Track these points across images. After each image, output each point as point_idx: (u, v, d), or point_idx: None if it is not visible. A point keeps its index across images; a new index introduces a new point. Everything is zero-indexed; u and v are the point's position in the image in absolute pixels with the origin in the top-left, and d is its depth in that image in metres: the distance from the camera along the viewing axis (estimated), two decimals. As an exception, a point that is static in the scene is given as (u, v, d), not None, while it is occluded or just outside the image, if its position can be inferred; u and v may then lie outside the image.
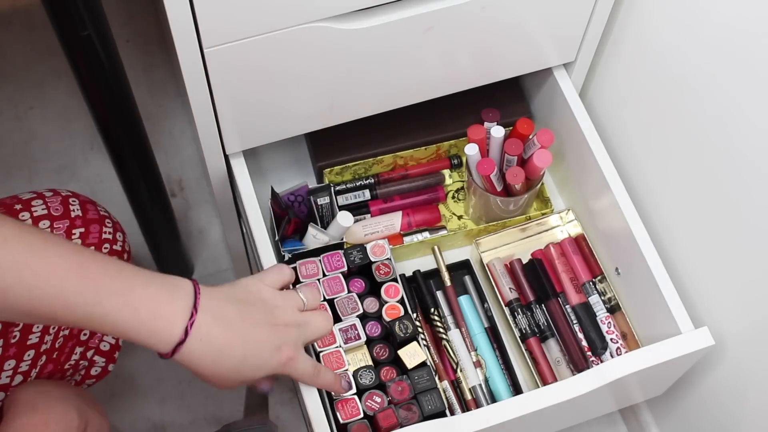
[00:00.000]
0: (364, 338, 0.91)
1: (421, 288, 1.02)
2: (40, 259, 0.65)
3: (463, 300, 1.03)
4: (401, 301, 0.94)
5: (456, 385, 0.98)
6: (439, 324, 1.00)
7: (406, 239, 1.04)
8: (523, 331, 1.01)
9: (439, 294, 1.03)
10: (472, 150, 0.98)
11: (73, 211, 0.85)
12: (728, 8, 0.79)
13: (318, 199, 0.99)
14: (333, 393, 0.86)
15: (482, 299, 1.03)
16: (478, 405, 0.98)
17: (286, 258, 0.94)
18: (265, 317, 0.75)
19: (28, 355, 0.81)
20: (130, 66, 0.97)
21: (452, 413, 0.96)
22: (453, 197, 1.09)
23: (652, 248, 0.93)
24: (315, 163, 1.05)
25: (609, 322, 1.01)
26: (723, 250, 0.90)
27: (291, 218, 0.96)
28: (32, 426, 0.76)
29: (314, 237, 0.95)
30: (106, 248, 0.88)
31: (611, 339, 1.00)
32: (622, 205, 0.95)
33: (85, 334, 0.86)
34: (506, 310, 1.01)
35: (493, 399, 0.99)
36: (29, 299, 0.65)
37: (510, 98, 1.08)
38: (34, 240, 0.65)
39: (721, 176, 0.87)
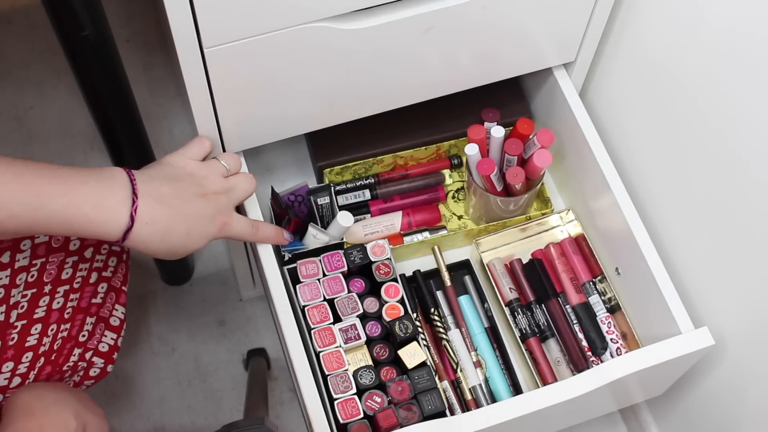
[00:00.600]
0: (364, 338, 0.91)
1: (421, 288, 1.02)
2: None
3: (463, 300, 1.03)
4: (401, 301, 0.94)
5: (456, 385, 0.98)
6: (439, 324, 1.00)
7: (406, 239, 1.04)
8: (523, 331, 1.01)
9: (439, 294, 1.03)
10: (472, 150, 0.98)
11: None
12: (727, 9, 0.79)
13: (318, 199, 0.99)
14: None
15: (482, 299, 1.03)
16: (478, 405, 0.98)
17: (286, 258, 0.94)
18: (197, 189, 0.81)
19: (26, 357, 0.81)
20: (130, 66, 0.97)
21: (452, 413, 0.96)
22: (453, 197, 1.09)
23: (652, 248, 0.93)
24: (315, 163, 1.05)
25: (609, 322, 1.01)
26: (723, 250, 0.90)
27: (291, 218, 0.96)
28: (28, 430, 0.76)
29: (314, 237, 0.95)
30: (104, 249, 0.88)
31: (611, 339, 1.00)
32: (622, 205, 0.95)
33: (83, 336, 0.86)
34: (506, 310, 1.01)
35: (493, 399, 0.99)
36: None
37: (510, 98, 1.08)
38: None
39: (721, 176, 0.87)
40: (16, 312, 0.80)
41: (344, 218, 0.94)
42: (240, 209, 0.94)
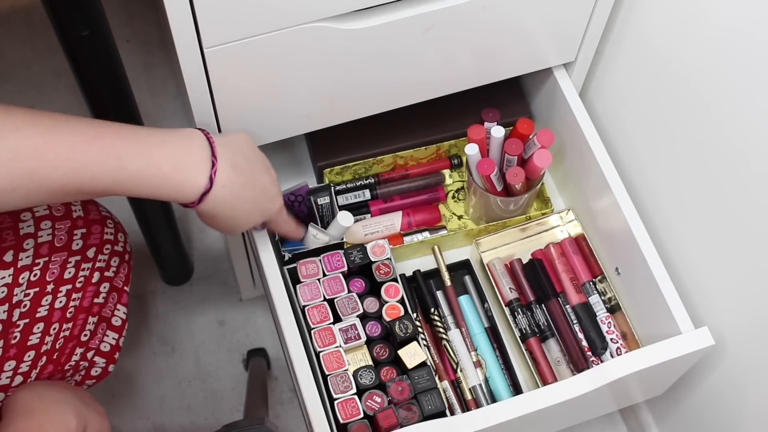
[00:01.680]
0: (364, 338, 0.91)
1: (421, 288, 1.02)
2: (58, 139, 0.67)
3: (463, 300, 1.03)
4: (401, 301, 0.94)
5: (456, 385, 0.98)
6: (439, 324, 1.00)
7: (406, 239, 1.04)
8: (523, 331, 1.01)
9: (439, 294, 1.03)
10: (472, 150, 0.98)
11: (75, 211, 0.85)
12: (728, 8, 0.79)
13: (318, 199, 0.99)
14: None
15: (482, 299, 1.03)
16: (478, 405, 0.98)
17: (286, 258, 0.95)
18: (266, 164, 0.83)
19: (29, 356, 0.81)
20: (130, 66, 0.97)
21: (452, 413, 0.96)
22: (453, 197, 1.09)
23: (652, 248, 0.93)
24: (315, 163, 1.05)
25: (609, 322, 1.01)
26: (723, 249, 0.90)
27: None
28: (28, 430, 0.76)
29: (314, 237, 0.95)
30: (107, 249, 0.88)
31: (611, 339, 1.00)
32: (622, 205, 0.95)
33: (85, 335, 0.86)
34: (506, 310, 1.01)
35: (493, 399, 0.99)
36: (55, 178, 0.68)
37: (510, 98, 1.08)
38: (47, 122, 0.68)
39: (721, 176, 0.87)
40: (18, 311, 0.80)
41: (344, 218, 0.94)
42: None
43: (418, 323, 0.94)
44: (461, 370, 0.99)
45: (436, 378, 0.92)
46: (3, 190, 0.66)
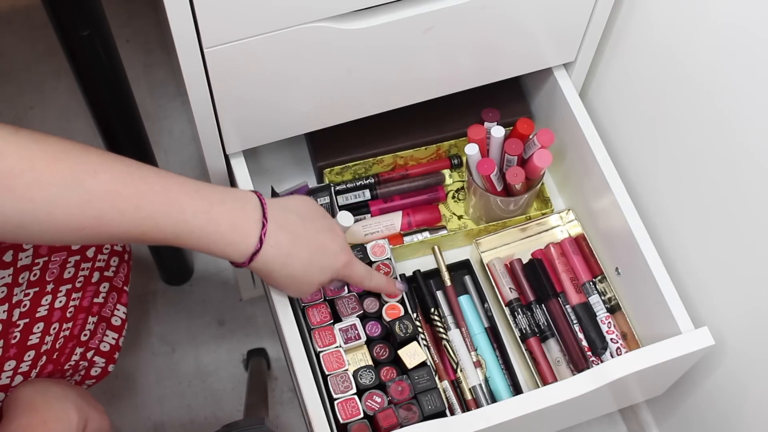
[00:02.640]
0: (364, 338, 0.91)
1: (421, 288, 1.02)
2: (129, 186, 0.70)
3: (463, 300, 1.03)
4: (401, 301, 0.94)
5: (456, 385, 0.98)
6: (439, 324, 1.00)
7: (406, 239, 1.04)
8: (523, 331, 1.01)
9: (439, 294, 1.03)
10: (472, 150, 0.98)
11: None
12: (728, 8, 0.79)
13: (318, 199, 0.99)
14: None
15: (482, 299, 1.03)
16: (478, 405, 0.98)
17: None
18: (326, 224, 0.83)
19: (29, 356, 0.81)
20: (130, 66, 0.97)
21: (452, 413, 0.96)
22: (453, 197, 1.09)
23: (652, 248, 0.93)
24: (315, 163, 1.05)
25: (609, 322, 1.01)
26: (723, 249, 0.90)
27: (291, 218, 0.96)
28: (31, 426, 0.76)
29: (314, 237, 0.95)
30: (106, 249, 0.88)
31: (611, 339, 1.00)
32: (622, 205, 0.95)
33: (85, 335, 0.86)
34: (506, 310, 1.01)
35: (493, 399, 0.99)
36: (121, 224, 0.70)
37: (510, 98, 1.08)
38: (120, 167, 0.70)
39: (722, 176, 0.87)
40: (18, 310, 0.80)
41: (344, 218, 0.94)
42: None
43: (418, 323, 0.94)
44: (461, 370, 0.99)
45: (436, 378, 0.92)
46: (71, 229, 0.68)
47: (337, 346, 0.89)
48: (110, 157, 0.71)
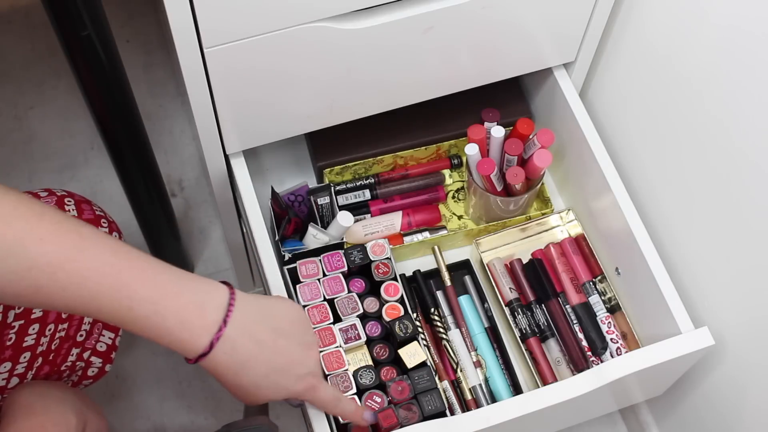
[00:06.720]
0: (364, 338, 0.91)
1: (421, 288, 1.02)
2: (75, 262, 0.65)
3: (463, 300, 1.03)
4: (401, 301, 0.94)
5: (456, 385, 0.98)
6: (439, 324, 1.00)
7: (406, 239, 1.04)
8: (523, 331, 1.01)
9: (439, 294, 1.03)
10: (472, 150, 0.98)
11: (69, 211, 0.85)
12: (728, 8, 0.79)
13: (318, 199, 0.99)
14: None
15: (482, 299, 1.03)
16: (478, 405, 0.98)
17: (286, 258, 0.94)
18: (300, 342, 0.77)
19: (24, 357, 0.81)
20: (130, 66, 0.97)
21: (452, 413, 0.96)
22: (453, 197, 1.09)
23: (652, 248, 0.93)
24: (315, 163, 1.05)
25: (609, 322, 1.01)
26: (723, 250, 0.90)
27: (291, 218, 0.96)
28: (30, 429, 0.76)
29: (314, 237, 0.95)
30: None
31: (611, 339, 1.00)
32: (622, 205, 0.95)
33: (81, 335, 0.86)
34: (506, 310, 1.01)
35: (493, 399, 0.99)
36: (63, 298, 0.66)
37: (510, 98, 1.08)
38: (70, 239, 0.66)
39: (722, 176, 0.87)
40: (13, 312, 0.80)
41: (344, 218, 0.94)
42: (240, 215, 0.94)
43: (418, 323, 0.94)
44: (461, 370, 0.99)
45: (436, 378, 0.92)
46: (7, 295, 0.65)
47: (337, 346, 0.89)
48: (65, 226, 0.66)
